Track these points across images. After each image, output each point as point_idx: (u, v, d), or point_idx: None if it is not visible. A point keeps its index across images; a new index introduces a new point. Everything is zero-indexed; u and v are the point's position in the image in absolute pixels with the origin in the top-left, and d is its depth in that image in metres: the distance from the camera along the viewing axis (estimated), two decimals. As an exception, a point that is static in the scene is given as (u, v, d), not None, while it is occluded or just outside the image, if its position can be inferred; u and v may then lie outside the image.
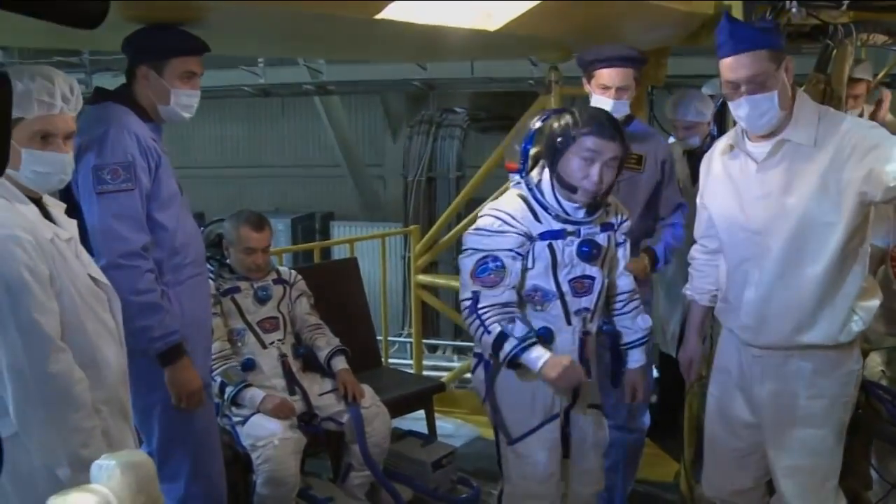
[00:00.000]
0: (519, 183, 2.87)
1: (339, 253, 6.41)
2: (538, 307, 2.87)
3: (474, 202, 5.46)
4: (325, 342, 3.90)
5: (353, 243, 5.27)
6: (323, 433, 3.81)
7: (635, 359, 3.14)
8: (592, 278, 2.87)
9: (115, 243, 2.64)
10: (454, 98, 10.63)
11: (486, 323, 2.75)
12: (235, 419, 3.56)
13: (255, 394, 3.55)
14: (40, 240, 2.13)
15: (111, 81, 3.01)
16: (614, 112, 3.26)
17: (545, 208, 2.80)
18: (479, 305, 2.76)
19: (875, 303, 2.82)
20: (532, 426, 2.90)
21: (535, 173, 2.86)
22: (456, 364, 7.33)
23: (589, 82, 3.55)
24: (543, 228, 2.80)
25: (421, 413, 4.56)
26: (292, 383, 3.75)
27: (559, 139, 2.71)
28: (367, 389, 3.83)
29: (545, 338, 2.84)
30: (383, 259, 5.48)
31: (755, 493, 3.07)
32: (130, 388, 2.77)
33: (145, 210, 2.72)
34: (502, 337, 2.74)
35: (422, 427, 4.56)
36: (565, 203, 2.79)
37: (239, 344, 3.71)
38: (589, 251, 2.83)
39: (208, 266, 3.68)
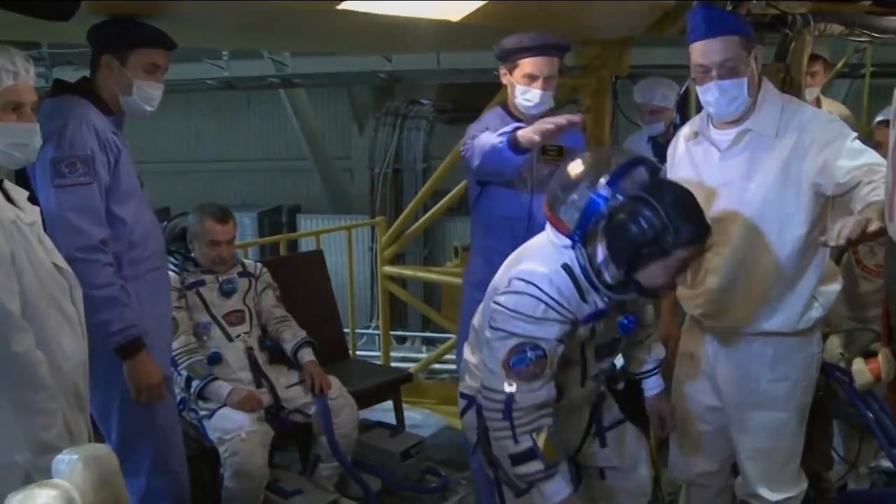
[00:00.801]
0: (567, 248, 2.41)
1: (306, 246, 6.42)
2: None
3: (441, 193, 5.47)
4: (292, 334, 3.89)
5: (320, 236, 5.25)
6: (290, 425, 3.80)
7: (652, 386, 2.93)
8: (619, 340, 2.69)
9: (73, 237, 2.61)
10: (420, 90, 10.63)
11: (518, 431, 2.39)
12: (202, 413, 3.55)
13: (221, 387, 3.53)
14: (2, 219, 2.12)
15: (72, 75, 2.97)
16: (542, 104, 3.28)
17: (595, 288, 2.41)
18: (515, 408, 2.38)
19: (835, 288, 2.86)
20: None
21: (589, 247, 2.38)
22: (424, 355, 7.33)
23: (510, 73, 3.31)
24: (589, 310, 2.44)
25: (389, 404, 4.57)
26: (259, 376, 3.74)
27: (646, 248, 2.27)
28: (334, 381, 3.83)
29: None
30: (349, 251, 5.48)
31: (720, 475, 3.11)
32: (90, 382, 2.76)
33: (104, 204, 2.69)
34: (530, 455, 2.40)
35: (390, 418, 4.57)
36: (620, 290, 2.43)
37: (205, 338, 3.70)
38: (629, 326, 2.56)
39: (172, 259, 3.68)
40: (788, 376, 2.86)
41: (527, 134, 2.98)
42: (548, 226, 2.48)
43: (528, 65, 3.26)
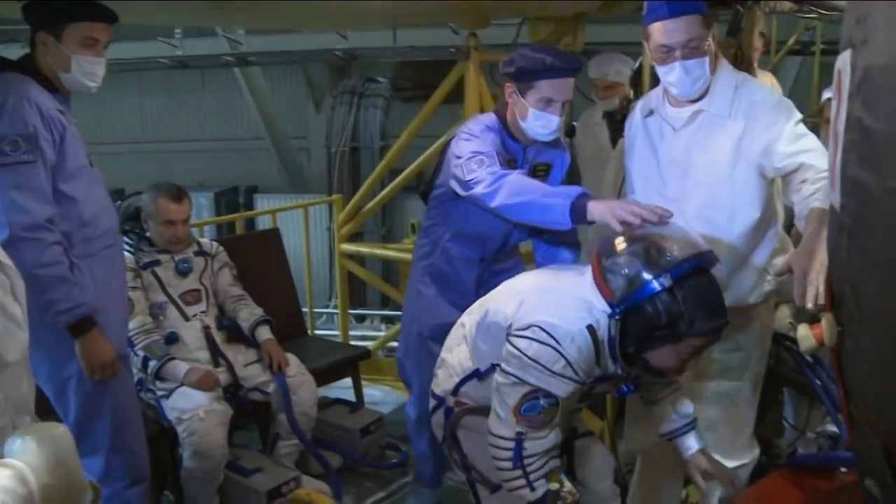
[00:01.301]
0: (602, 312, 2.31)
1: (263, 225, 6.37)
2: None
3: (398, 171, 5.46)
4: (249, 313, 3.88)
5: (276, 214, 5.22)
6: (249, 404, 3.80)
7: (688, 446, 2.73)
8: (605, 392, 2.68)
9: (18, 216, 2.57)
10: (377, 68, 10.57)
11: (532, 478, 2.37)
12: (160, 393, 3.53)
13: (178, 367, 3.52)
14: None
15: (18, 53, 2.90)
16: (554, 129, 3.02)
17: (614, 358, 2.35)
18: (525, 455, 2.35)
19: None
20: None
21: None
22: (383, 333, 7.34)
23: (522, 94, 2.97)
24: (600, 373, 2.39)
25: (348, 381, 4.59)
26: (216, 355, 3.72)
27: (659, 332, 2.23)
28: (293, 358, 3.83)
29: None
30: (306, 229, 5.46)
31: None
32: (44, 362, 2.73)
33: (50, 182, 2.65)
34: (548, 501, 2.38)
35: (349, 395, 4.59)
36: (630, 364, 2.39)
37: (161, 317, 3.67)
38: (627, 392, 2.54)
39: (127, 240, 3.64)
40: (742, 346, 2.92)
41: (605, 216, 2.52)
42: (588, 279, 2.36)
43: (547, 88, 2.93)
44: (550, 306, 2.35)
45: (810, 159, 2.58)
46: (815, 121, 5.16)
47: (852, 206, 1.40)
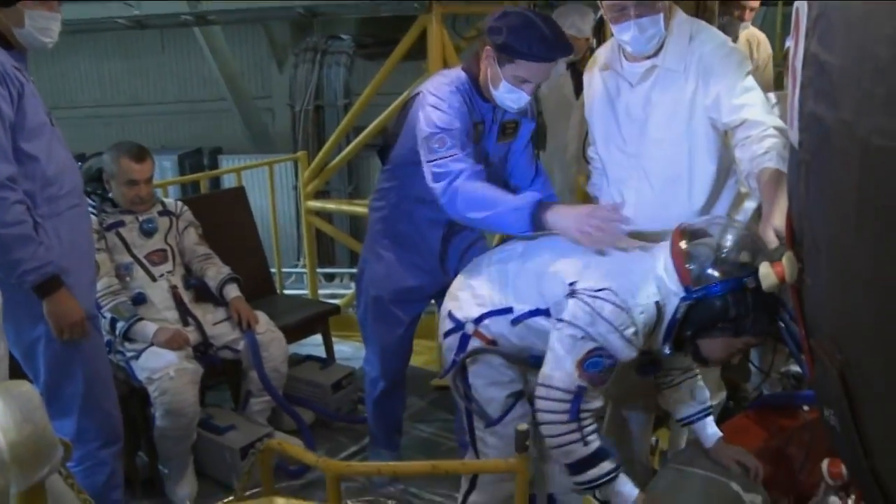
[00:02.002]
0: (674, 294, 2.32)
1: (229, 186, 6.30)
2: None
3: (362, 129, 5.41)
4: (216, 271, 3.86)
5: (241, 173, 5.18)
6: (220, 362, 3.81)
7: (711, 433, 2.74)
8: None
9: None
10: (339, 25, 10.41)
11: (586, 433, 2.36)
12: (129, 354, 3.52)
13: (146, 327, 3.51)
14: None
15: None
16: (523, 105, 2.96)
17: (665, 339, 2.39)
18: (582, 409, 2.35)
19: (751, 205, 2.95)
20: (509, 405, 2.68)
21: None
22: (352, 290, 7.33)
23: (500, 65, 2.85)
24: (645, 349, 2.42)
25: (319, 338, 4.60)
26: (185, 314, 3.72)
27: (723, 324, 2.28)
28: (262, 315, 3.83)
29: None
30: (271, 186, 5.42)
31: (647, 395, 3.21)
32: (10, 325, 2.71)
33: (10, 140, 2.59)
34: (601, 455, 2.37)
35: (320, 352, 4.61)
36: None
37: (127, 278, 3.65)
38: (654, 372, 2.65)
39: (89, 201, 3.59)
40: None
41: (567, 232, 2.56)
42: (661, 258, 2.38)
43: (526, 69, 2.84)
44: (623, 276, 2.37)
45: (753, 115, 2.62)
46: (780, 69, 5.20)
47: (809, 141, 1.42)
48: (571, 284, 2.42)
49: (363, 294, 3.48)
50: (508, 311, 2.61)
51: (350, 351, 5.05)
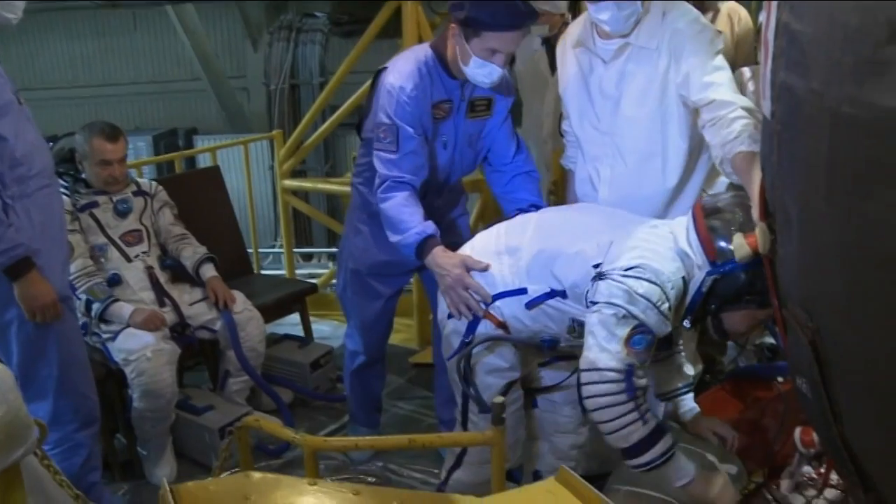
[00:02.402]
0: (699, 267, 2.35)
1: (204, 165, 6.26)
2: None
3: (338, 107, 5.37)
4: (192, 251, 3.83)
5: (216, 153, 5.13)
6: (197, 342, 3.80)
7: (690, 407, 2.80)
8: None
9: None
10: (314, 2, 10.34)
11: (643, 410, 2.32)
12: (105, 336, 3.49)
13: (122, 308, 3.47)
14: None
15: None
16: (496, 79, 2.89)
17: (688, 312, 2.42)
18: (637, 386, 2.31)
19: (725, 180, 2.96)
20: (503, 391, 2.69)
21: None
22: (330, 269, 7.32)
23: (467, 40, 2.80)
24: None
25: (297, 318, 4.59)
26: (161, 295, 3.69)
27: (749, 297, 2.30)
28: (239, 295, 3.81)
29: None
30: (247, 165, 5.37)
31: None
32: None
33: None
34: (659, 432, 2.34)
35: (298, 332, 4.60)
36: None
37: (102, 260, 3.61)
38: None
39: (62, 182, 3.55)
40: None
41: (439, 279, 2.75)
42: (684, 233, 2.40)
43: (493, 40, 2.76)
44: (650, 252, 2.36)
45: (721, 94, 2.63)
46: (756, 45, 5.21)
47: (781, 111, 1.42)
48: (596, 266, 2.42)
49: (342, 267, 3.50)
50: (522, 292, 2.60)
51: (328, 330, 5.04)
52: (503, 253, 2.68)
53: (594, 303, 2.37)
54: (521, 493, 1.43)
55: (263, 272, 5.88)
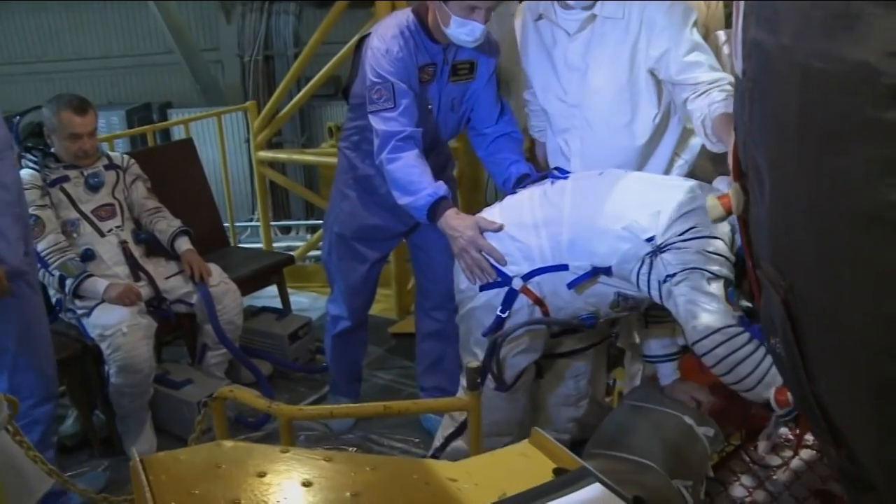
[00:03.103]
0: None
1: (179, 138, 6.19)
2: None
3: (312, 77, 5.31)
4: (166, 224, 3.80)
5: (189, 126, 5.08)
6: (174, 316, 3.77)
7: (669, 373, 2.85)
8: None
9: None
10: (287, -28, 10.23)
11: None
12: (80, 311, 3.46)
13: (97, 283, 3.44)
14: None
15: None
16: (479, 36, 2.87)
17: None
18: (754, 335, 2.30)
19: (698, 141, 2.95)
20: (521, 370, 2.76)
21: None
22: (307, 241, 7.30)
23: (444, 1, 2.81)
24: None
25: (275, 290, 4.57)
26: (136, 269, 3.66)
27: None
28: (215, 268, 3.79)
29: None
30: (221, 138, 5.31)
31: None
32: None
33: None
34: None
35: (276, 304, 4.58)
36: None
37: (74, 235, 3.58)
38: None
39: (31, 157, 3.51)
40: None
41: (455, 234, 2.72)
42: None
43: None
44: (697, 211, 2.36)
45: (706, 76, 2.63)
46: (729, 11, 5.19)
47: (752, 68, 1.41)
48: (650, 240, 2.40)
49: (328, 232, 3.51)
50: (563, 268, 2.57)
51: (306, 301, 5.03)
52: (540, 225, 2.62)
53: (670, 276, 2.35)
54: (495, 456, 1.43)
55: (241, 245, 5.85)
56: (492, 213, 2.76)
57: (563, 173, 2.78)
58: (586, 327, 2.65)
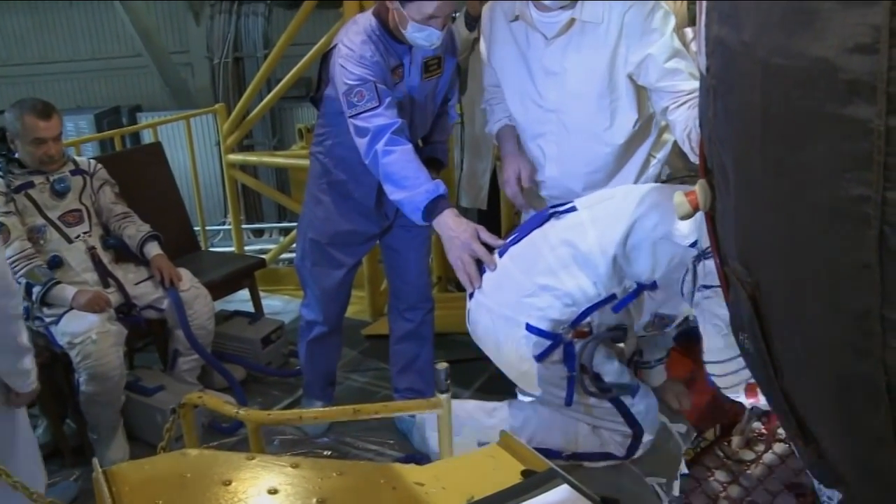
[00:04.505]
0: None
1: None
2: None
3: (282, 79, 5.29)
4: (135, 229, 3.76)
5: (157, 129, 5.02)
6: (144, 322, 3.73)
7: (659, 378, 3.01)
8: None
9: None
10: (255, -27, 10.17)
11: None
12: (48, 319, 3.40)
13: (65, 290, 3.39)
14: None
15: None
16: (436, 41, 2.86)
17: None
18: None
19: (669, 138, 2.96)
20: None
21: None
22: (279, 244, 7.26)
23: (402, 5, 2.80)
24: None
25: (247, 294, 4.54)
26: (105, 275, 3.61)
27: None
28: (185, 272, 3.75)
29: None
30: (190, 141, 5.26)
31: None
32: None
33: None
34: None
35: (249, 308, 4.54)
36: None
37: (41, 241, 3.52)
38: None
39: (-7, 163, 3.46)
40: None
41: (446, 242, 2.74)
42: None
43: (428, 5, 2.76)
44: None
45: (684, 84, 2.62)
46: (694, 6, 5.21)
47: (715, 65, 1.41)
48: (694, 245, 2.37)
49: (302, 238, 3.48)
50: (610, 299, 2.53)
51: (279, 305, 5.00)
52: (571, 265, 2.54)
53: (704, 286, 2.33)
54: (463, 459, 1.42)
55: (212, 249, 5.80)
56: (500, 265, 2.66)
57: (566, 206, 2.70)
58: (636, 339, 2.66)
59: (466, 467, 1.36)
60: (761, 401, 2.25)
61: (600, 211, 2.60)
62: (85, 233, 3.63)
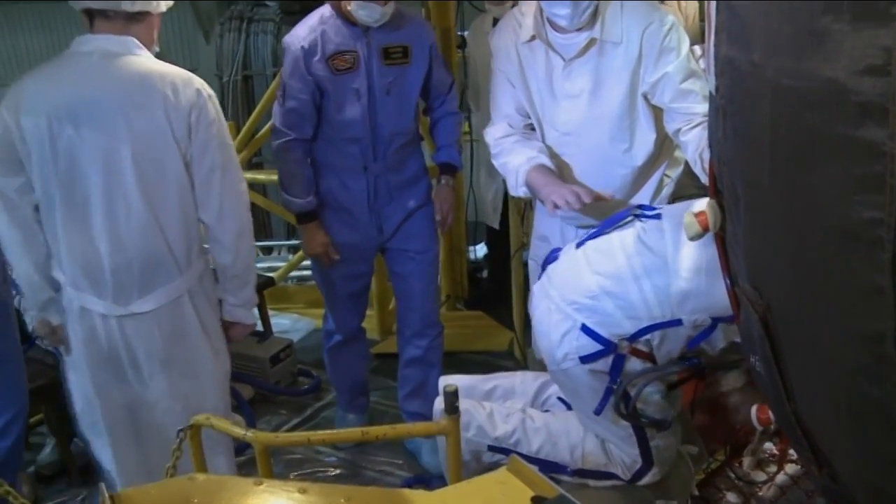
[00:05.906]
0: None
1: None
2: None
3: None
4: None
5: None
6: (152, 341, 3.70)
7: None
8: None
9: None
10: (265, -9, 10.22)
11: None
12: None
13: None
14: None
15: None
16: (379, 17, 2.95)
17: None
18: None
19: (683, 157, 2.94)
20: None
21: None
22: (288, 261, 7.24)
23: None
24: None
25: (255, 312, 4.50)
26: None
27: None
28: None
29: None
30: (200, 161, 5.25)
31: None
32: None
33: None
34: None
35: (257, 326, 4.51)
36: None
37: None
38: None
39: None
40: None
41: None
42: None
43: None
44: None
45: (697, 106, 2.60)
46: (703, 24, 5.21)
47: (725, 86, 1.40)
48: None
49: None
50: (676, 323, 2.34)
51: (287, 323, 4.98)
52: (641, 276, 2.35)
53: None
54: (472, 484, 1.40)
55: (222, 267, 5.77)
56: (573, 257, 2.54)
57: (652, 210, 2.52)
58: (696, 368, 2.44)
59: (476, 493, 1.34)
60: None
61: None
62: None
